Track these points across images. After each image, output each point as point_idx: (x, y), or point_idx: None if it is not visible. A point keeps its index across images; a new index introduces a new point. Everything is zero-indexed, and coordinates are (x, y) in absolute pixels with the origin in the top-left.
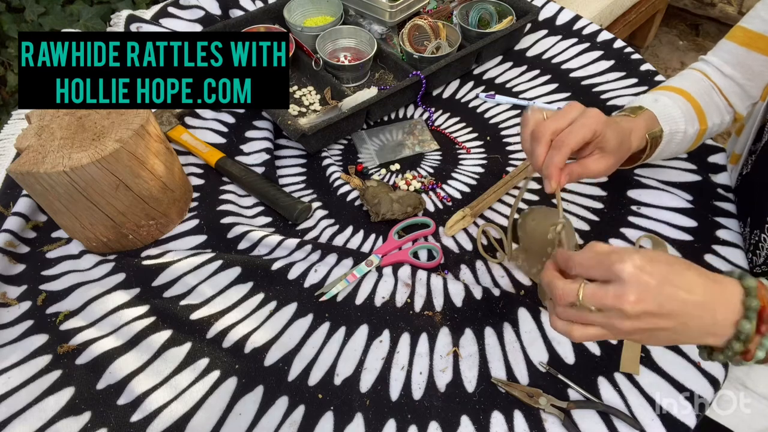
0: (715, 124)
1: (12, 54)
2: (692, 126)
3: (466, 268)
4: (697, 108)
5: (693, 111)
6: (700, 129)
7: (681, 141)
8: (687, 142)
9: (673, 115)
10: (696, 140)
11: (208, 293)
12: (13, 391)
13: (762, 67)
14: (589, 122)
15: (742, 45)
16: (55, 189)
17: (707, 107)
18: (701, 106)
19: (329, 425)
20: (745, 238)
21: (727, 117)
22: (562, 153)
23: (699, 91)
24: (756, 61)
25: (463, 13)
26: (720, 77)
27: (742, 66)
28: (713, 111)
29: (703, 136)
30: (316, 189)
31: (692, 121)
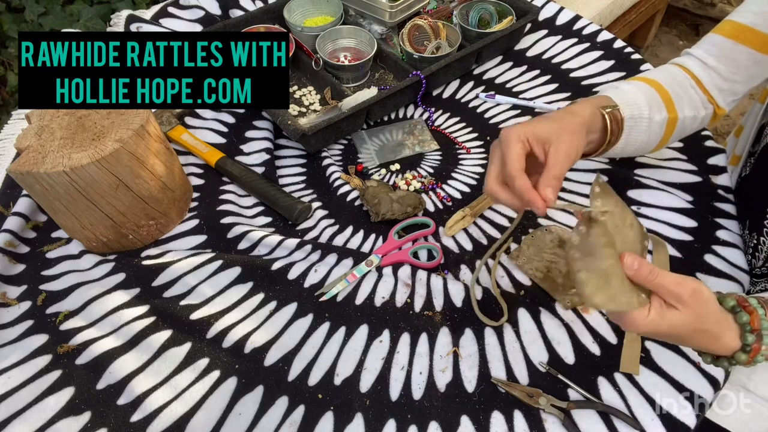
0: (687, 116)
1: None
2: (659, 113)
3: (466, 268)
4: (665, 96)
5: (659, 97)
6: (669, 117)
7: (647, 128)
8: (655, 132)
9: (635, 99)
10: (667, 130)
11: (208, 293)
12: (13, 391)
13: (748, 60)
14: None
15: (730, 37)
16: (55, 189)
17: (677, 97)
18: (670, 94)
19: (329, 425)
20: (745, 240)
21: (704, 112)
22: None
23: (670, 81)
24: (742, 54)
25: (463, 13)
26: (702, 70)
27: (726, 58)
28: (685, 102)
29: (674, 125)
30: (316, 189)
31: (658, 108)
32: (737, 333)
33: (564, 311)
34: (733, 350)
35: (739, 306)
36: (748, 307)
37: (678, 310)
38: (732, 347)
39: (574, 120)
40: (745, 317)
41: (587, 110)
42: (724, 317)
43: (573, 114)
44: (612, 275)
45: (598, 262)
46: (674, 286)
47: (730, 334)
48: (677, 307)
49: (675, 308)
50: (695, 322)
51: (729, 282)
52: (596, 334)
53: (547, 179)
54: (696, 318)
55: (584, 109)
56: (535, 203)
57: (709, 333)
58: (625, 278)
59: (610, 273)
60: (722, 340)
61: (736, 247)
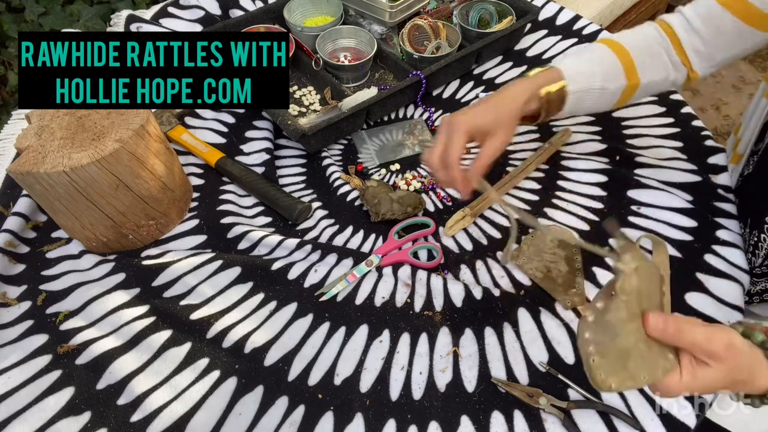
0: (651, 81)
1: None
2: (615, 82)
3: (466, 268)
4: (627, 62)
5: (620, 65)
6: (627, 84)
7: (599, 96)
8: (609, 98)
9: (590, 70)
10: (624, 96)
11: (208, 293)
12: (13, 391)
13: (731, 28)
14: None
15: (720, 3)
16: (55, 189)
17: (641, 63)
18: (633, 60)
19: (329, 425)
20: (745, 238)
21: (674, 75)
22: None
23: (638, 46)
24: (727, 22)
25: (463, 13)
26: (684, 31)
27: (712, 23)
28: (651, 67)
29: (634, 90)
30: (316, 189)
31: (616, 77)
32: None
33: (564, 311)
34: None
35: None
36: None
37: (711, 367)
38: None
39: (511, 111)
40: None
41: (525, 94)
42: (755, 358)
43: (511, 101)
44: (632, 352)
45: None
46: (706, 342)
47: (763, 373)
48: (710, 363)
49: (707, 365)
50: (729, 374)
51: (729, 282)
52: None
53: (476, 169)
54: (730, 371)
55: (523, 93)
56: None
57: (742, 382)
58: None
59: (630, 350)
60: (757, 382)
61: (736, 246)
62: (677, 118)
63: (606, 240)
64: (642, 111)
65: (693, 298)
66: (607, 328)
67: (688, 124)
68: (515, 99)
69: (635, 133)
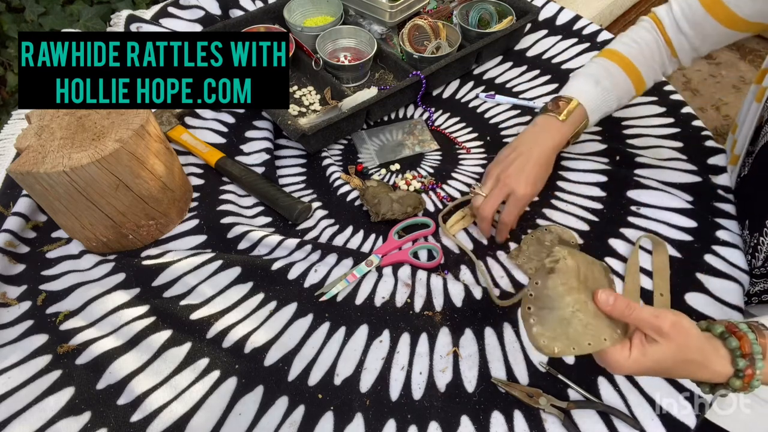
0: (656, 80)
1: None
2: (627, 97)
3: (466, 268)
4: (636, 78)
5: (631, 83)
6: (635, 94)
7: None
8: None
9: (607, 99)
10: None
11: (208, 293)
12: (13, 391)
13: (713, 31)
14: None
15: (704, 6)
16: (55, 189)
17: (646, 74)
18: (641, 73)
19: (329, 425)
20: (745, 240)
21: (670, 70)
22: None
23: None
24: (709, 25)
25: (463, 13)
26: (675, 32)
27: (696, 26)
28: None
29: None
30: (316, 189)
31: (628, 95)
32: (728, 359)
33: None
34: (727, 376)
35: (728, 332)
36: (737, 333)
37: (659, 343)
38: (725, 374)
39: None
40: (734, 342)
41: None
42: (710, 344)
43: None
44: (572, 320)
45: (555, 311)
46: (653, 318)
47: (721, 361)
48: (658, 340)
49: (656, 342)
50: (678, 353)
51: (729, 282)
52: None
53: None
54: (678, 349)
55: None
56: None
57: (694, 362)
58: (592, 320)
59: (569, 319)
60: (711, 367)
61: (735, 247)
62: (677, 118)
63: (606, 240)
64: (642, 111)
65: (693, 298)
66: (546, 300)
67: (688, 124)
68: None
69: (635, 133)
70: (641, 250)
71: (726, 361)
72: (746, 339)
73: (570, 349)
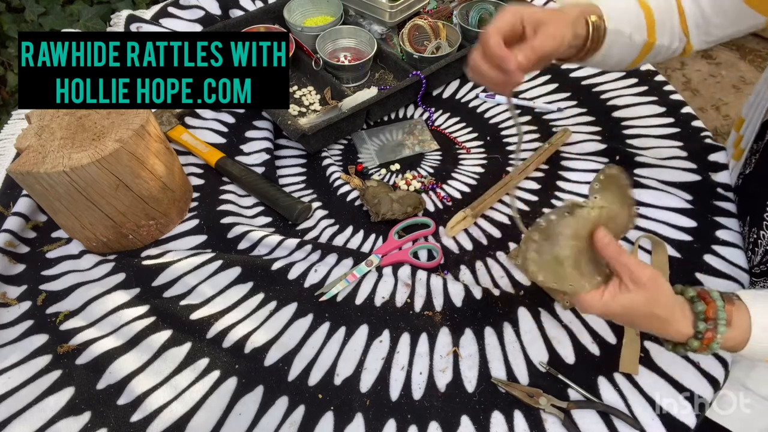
0: (663, 44)
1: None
2: (639, 34)
3: (466, 268)
4: (650, 19)
5: (644, 20)
6: (647, 41)
7: (626, 46)
8: (631, 51)
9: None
10: (641, 53)
11: (208, 293)
12: (13, 391)
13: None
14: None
15: None
16: (55, 189)
17: (661, 23)
18: (655, 19)
19: (329, 425)
20: (745, 236)
21: (677, 44)
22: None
23: (659, 5)
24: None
25: (463, 13)
26: (691, 3)
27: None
28: (666, 30)
29: (650, 50)
30: (316, 189)
31: (640, 30)
32: (691, 321)
33: (563, 311)
34: (687, 336)
35: (699, 297)
36: (707, 299)
37: (631, 292)
38: (685, 334)
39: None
40: (701, 306)
41: (575, 12)
42: (677, 305)
43: (562, 12)
44: (565, 262)
45: (555, 249)
46: (636, 267)
47: (684, 322)
48: (631, 288)
49: (629, 291)
50: (646, 305)
51: (729, 282)
52: (595, 335)
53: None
54: (647, 301)
55: (572, 10)
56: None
57: (659, 318)
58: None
59: (563, 260)
60: (674, 325)
61: (735, 246)
62: (677, 118)
63: None
64: (642, 111)
65: None
66: (551, 236)
67: (688, 124)
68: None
69: (635, 133)
70: (641, 250)
71: (689, 322)
72: (714, 305)
73: (551, 283)
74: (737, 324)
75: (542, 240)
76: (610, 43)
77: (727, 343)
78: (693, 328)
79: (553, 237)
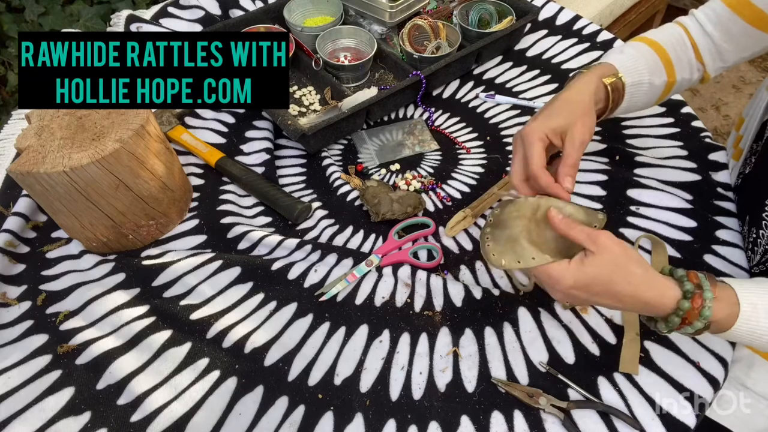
0: (684, 79)
1: (12, 54)
2: (659, 77)
3: (466, 268)
4: (666, 60)
5: (660, 62)
6: (668, 81)
7: (647, 92)
8: (655, 94)
9: (637, 66)
10: (664, 92)
11: (208, 293)
12: (13, 391)
13: (740, 31)
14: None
15: (729, 6)
16: (55, 189)
17: (677, 60)
18: (671, 58)
19: (329, 425)
20: (744, 236)
21: (696, 75)
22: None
23: (671, 43)
24: (736, 25)
25: (463, 13)
26: (700, 34)
27: (722, 27)
28: (684, 65)
29: (672, 88)
30: (316, 189)
31: (659, 73)
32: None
33: (563, 311)
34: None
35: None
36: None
37: (595, 255)
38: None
39: (582, 101)
40: (690, 286)
41: (592, 85)
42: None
43: (580, 93)
44: (519, 239)
45: (506, 231)
46: (590, 230)
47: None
48: (594, 250)
49: (593, 254)
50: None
51: None
52: (595, 335)
53: (566, 169)
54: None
55: (589, 84)
56: (560, 196)
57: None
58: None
59: (517, 238)
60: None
61: (736, 246)
62: (677, 118)
63: None
64: (642, 111)
65: None
66: (500, 222)
67: (688, 124)
68: (583, 91)
69: (635, 133)
70: (641, 250)
71: (673, 283)
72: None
73: (515, 263)
74: (722, 297)
75: (494, 230)
76: (631, 94)
77: (717, 314)
78: (680, 289)
79: (501, 223)
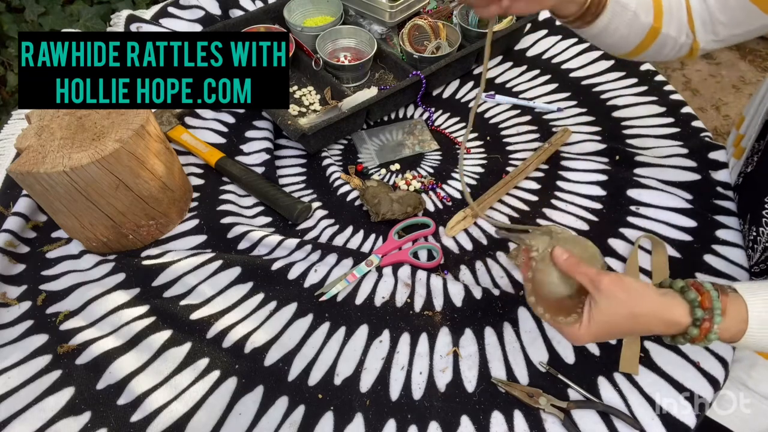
0: (670, 35)
1: (12, 54)
2: (645, 15)
3: (466, 268)
4: (657, 4)
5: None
6: (653, 25)
7: (630, 23)
8: (636, 32)
9: None
10: (647, 39)
11: (208, 293)
12: (13, 391)
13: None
14: None
15: None
16: (55, 189)
17: (668, 11)
18: (662, 5)
19: (329, 425)
20: (744, 235)
21: (683, 39)
22: None
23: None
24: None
25: (463, 13)
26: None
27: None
28: (674, 21)
29: (655, 37)
30: (316, 189)
31: (647, 10)
32: (687, 310)
33: None
34: (685, 326)
35: (689, 286)
36: (700, 289)
37: (600, 303)
38: (683, 323)
39: None
40: (693, 294)
41: None
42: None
43: None
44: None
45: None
46: (593, 273)
47: (678, 309)
48: (598, 299)
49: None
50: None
51: (730, 282)
52: None
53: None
54: (621, 304)
55: None
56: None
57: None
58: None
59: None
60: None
61: (736, 246)
62: (677, 118)
63: (605, 240)
64: (642, 111)
65: None
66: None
67: (688, 124)
68: None
69: (635, 133)
70: (641, 250)
71: (684, 310)
72: (708, 295)
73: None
74: (732, 314)
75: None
76: (612, 13)
77: (724, 334)
78: (690, 316)
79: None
